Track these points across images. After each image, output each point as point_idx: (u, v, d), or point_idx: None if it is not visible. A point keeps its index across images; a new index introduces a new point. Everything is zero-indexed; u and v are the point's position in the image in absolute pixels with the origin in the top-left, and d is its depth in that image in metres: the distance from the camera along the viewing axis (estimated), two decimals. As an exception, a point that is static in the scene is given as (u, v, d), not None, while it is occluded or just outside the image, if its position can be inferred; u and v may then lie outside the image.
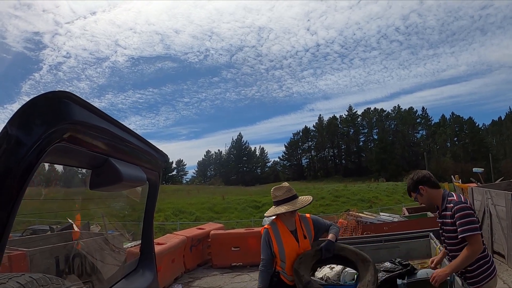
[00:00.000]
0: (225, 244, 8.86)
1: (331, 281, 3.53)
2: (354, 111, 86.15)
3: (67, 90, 1.00)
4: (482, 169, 14.79)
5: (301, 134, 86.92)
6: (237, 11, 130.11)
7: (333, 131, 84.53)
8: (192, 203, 33.82)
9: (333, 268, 3.62)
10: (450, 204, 2.71)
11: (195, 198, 36.84)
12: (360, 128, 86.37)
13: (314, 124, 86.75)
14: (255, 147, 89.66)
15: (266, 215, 3.34)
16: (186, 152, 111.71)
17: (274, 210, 3.21)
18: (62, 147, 1.00)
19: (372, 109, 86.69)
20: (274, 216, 3.30)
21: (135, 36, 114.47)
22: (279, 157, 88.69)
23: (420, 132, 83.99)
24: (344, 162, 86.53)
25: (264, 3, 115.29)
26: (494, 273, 2.72)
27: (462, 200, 2.71)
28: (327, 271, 3.63)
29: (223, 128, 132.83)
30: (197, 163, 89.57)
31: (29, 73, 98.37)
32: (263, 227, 3.39)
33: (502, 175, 23.19)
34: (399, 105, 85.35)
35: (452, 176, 13.41)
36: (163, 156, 1.93)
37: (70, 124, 0.99)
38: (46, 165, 1.23)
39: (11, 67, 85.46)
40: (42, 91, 1.01)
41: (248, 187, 53.57)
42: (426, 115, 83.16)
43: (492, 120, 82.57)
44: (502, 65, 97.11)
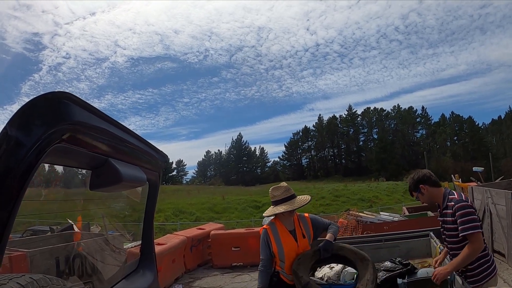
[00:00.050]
0: (225, 244, 8.87)
1: (331, 281, 3.52)
2: (354, 111, 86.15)
3: (66, 91, 1.00)
4: (482, 168, 14.77)
5: (301, 134, 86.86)
6: (237, 11, 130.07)
7: (333, 130, 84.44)
8: (192, 203, 33.83)
9: (333, 268, 3.62)
10: (451, 203, 2.71)
11: (195, 198, 36.84)
12: (360, 127, 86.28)
13: (314, 124, 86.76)
14: (255, 147, 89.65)
15: (265, 215, 3.34)
16: (186, 152, 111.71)
17: (272, 210, 3.21)
18: (62, 148, 1.00)
19: (372, 108, 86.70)
20: (273, 216, 3.31)
21: (134, 37, 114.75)
22: (279, 157, 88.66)
23: (420, 132, 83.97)
24: (344, 161, 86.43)
25: (263, 3, 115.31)
26: (494, 272, 2.72)
27: (463, 199, 2.71)
28: (327, 270, 3.63)
29: (223, 128, 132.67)
30: (197, 163, 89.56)
31: (28, 74, 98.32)
32: (262, 227, 3.40)
33: (502, 174, 23.14)
34: (399, 105, 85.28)
35: (452, 175, 13.41)
36: (163, 157, 1.93)
37: (69, 124, 0.99)
38: (46, 165, 1.23)
39: (11, 68, 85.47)
40: (42, 92, 1.01)
41: (248, 187, 53.55)
42: (426, 115, 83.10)
43: (492, 119, 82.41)
44: (502, 64, 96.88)
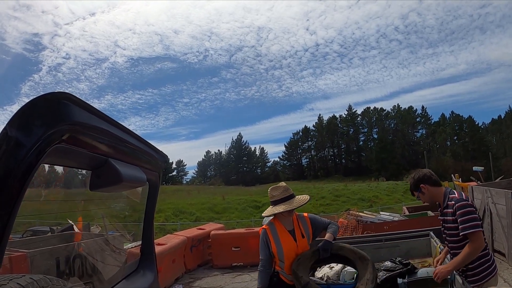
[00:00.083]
0: (225, 244, 8.87)
1: (331, 281, 3.52)
2: (353, 111, 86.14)
3: (66, 91, 1.00)
4: (482, 167, 14.75)
5: (301, 133, 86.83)
6: (236, 11, 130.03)
7: (333, 130, 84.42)
8: (192, 204, 33.83)
9: (333, 268, 3.62)
10: (451, 202, 2.72)
11: (195, 198, 36.85)
12: (360, 127, 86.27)
13: (314, 124, 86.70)
14: (255, 147, 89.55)
15: (264, 215, 3.35)
16: (186, 152, 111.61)
17: (271, 210, 3.21)
18: (62, 148, 1.00)
19: (371, 108, 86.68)
20: (272, 216, 3.31)
21: (134, 37, 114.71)
22: (279, 157, 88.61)
23: (420, 131, 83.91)
24: (344, 161, 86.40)
25: (263, 3, 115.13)
26: (495, 271, 2.72)
27: (463, 198, 2.71)
28: (327, 270, 3.63)
29: (223, 128, 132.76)
30: (197, 163, 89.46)
31: (28, 75, 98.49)
32: (261, 228, 3.40)
33: (502, 174, 23.14)
34: (398, 104, 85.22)
35: (452, 175, 13.41)
36: (163, 157, 1.93)
37: (69, 125, 0.99)
38: (46, 166, 1.23)
39: (11, 69, 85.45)
40: (42, 93, 1.01)
41: (248, 187, 53.54)
42: (425, 114, 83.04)
43: (492, 119, 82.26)
44: (502, 63, 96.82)
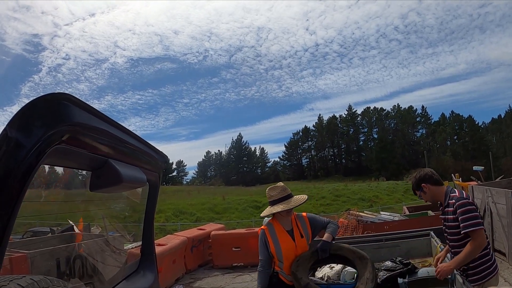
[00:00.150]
0: (226, 244, 8.87)
1: (331, 281, 3.52)
2: (353, 111, 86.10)
3: (66, 92, 1.00)
4: (483, 167, 14.75)
5: (301, 133, 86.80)
6: (236, 11, 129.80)
7: (333, 130, 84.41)
8: (192, 204, 33.80)
9: (333, 268, 3.62)
10: (452, 200, 2.73)
11: (195, 198, 36.81)
12: (360, 127, 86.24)
13: (314, 124, 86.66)
14: (255, 147, 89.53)
15: (262, 215, 3.35)
16: (186, 152, 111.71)
17: (269, 210, 3.22)
18: (61, 149, 1.00)
19: (371, 108, 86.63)
20: (271, 216, 3.31)
21: (134, 38, 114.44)
22: (279, 157, 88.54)
23: (420, 131, 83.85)
24: (344, 161, 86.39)
25: (263, 3, 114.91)
26: (495, 270, 2.72)
27: (464, 196, 2.72)
28: (327, 270, 3.63)
29: (223, 128, 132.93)
30: (197, 163, 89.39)
31: (28, 75, 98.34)
32: (260, 228, 3.40)
33: (503, 173, 23.14)
34: (398, 104, 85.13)
35: (453, 174, 13.40)
36: (163, 157, 1.93)
37: (69, 126, 0.99)
38: (46, 167, 1.23)
39: (10, 69, 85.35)
40: (42, 93, 1.01)
41: (249, 187, 53.48)
42: (425, 114, 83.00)
43: (492, 118, 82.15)
44: (501, 63, 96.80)
